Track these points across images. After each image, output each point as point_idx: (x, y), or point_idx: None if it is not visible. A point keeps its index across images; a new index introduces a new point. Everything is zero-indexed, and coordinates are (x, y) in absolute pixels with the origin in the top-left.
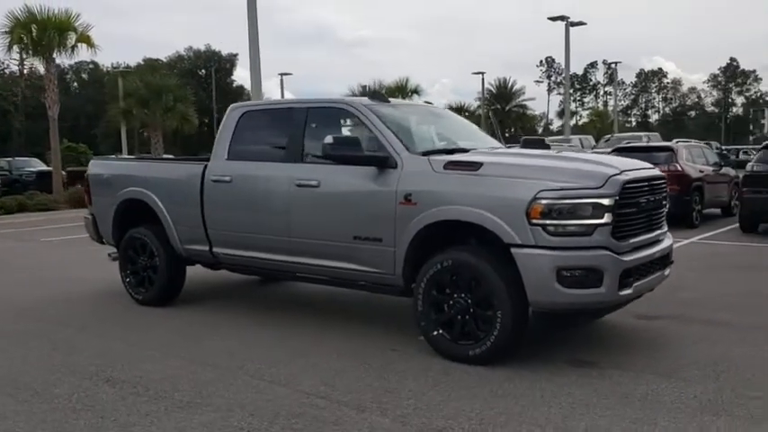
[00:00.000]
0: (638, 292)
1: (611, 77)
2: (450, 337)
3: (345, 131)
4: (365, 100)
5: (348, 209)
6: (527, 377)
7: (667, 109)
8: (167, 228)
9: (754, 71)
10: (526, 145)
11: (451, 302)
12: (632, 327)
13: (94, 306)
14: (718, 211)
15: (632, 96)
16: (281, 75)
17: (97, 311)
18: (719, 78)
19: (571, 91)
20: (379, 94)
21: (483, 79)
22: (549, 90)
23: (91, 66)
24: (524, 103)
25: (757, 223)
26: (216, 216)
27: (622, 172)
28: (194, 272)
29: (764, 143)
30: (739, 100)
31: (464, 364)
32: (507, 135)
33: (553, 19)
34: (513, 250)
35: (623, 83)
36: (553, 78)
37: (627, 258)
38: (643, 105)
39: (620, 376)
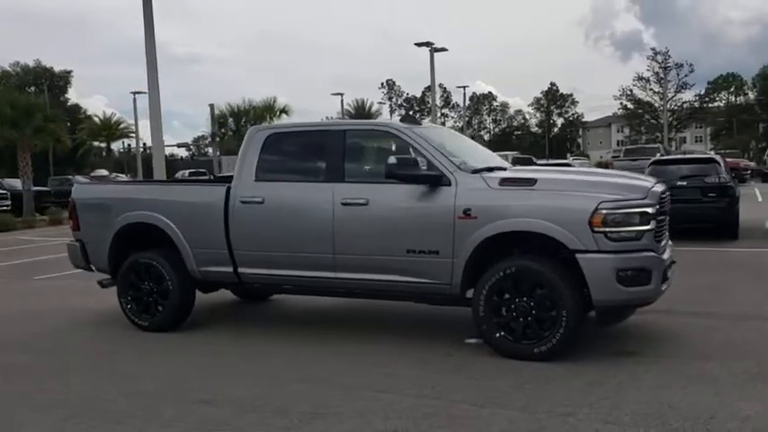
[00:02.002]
0: (668, 287)
1: (447, 100)
2: (513, 338)
3: (381, 152)
4: (401, 123)
5: (400, 224)
6: (597, 368)
7: (497, 129)
8: (183, 250)
9: (571, 95)
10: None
11: (513, 306)
12: (634, 322)
13: (92, 336)
14: None
15: (466, 118)
16: (134, 93)
17: (99, 341)
18: (542, 101)
19: (412, 111)
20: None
21: (342, 100)
22: (392, 111)
23: None
24: None
25: None
26: (245, 237)
27: (655, 184)
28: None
29: (652, 159)
30: (560, 121)
31: (528, 361)
32: None
33: (419, 45)
34: (578, 256)
35: (458, 105)
36: (394, 100)
37: (664, 258)
38: (476, 126)
39: (670, 361)
